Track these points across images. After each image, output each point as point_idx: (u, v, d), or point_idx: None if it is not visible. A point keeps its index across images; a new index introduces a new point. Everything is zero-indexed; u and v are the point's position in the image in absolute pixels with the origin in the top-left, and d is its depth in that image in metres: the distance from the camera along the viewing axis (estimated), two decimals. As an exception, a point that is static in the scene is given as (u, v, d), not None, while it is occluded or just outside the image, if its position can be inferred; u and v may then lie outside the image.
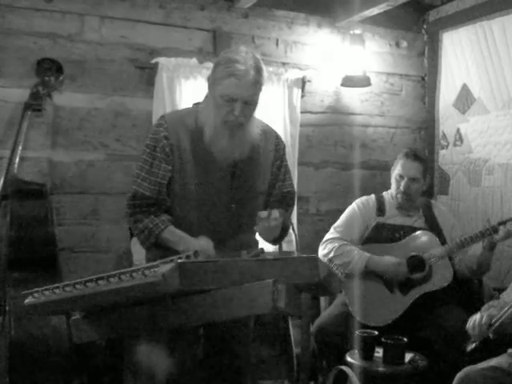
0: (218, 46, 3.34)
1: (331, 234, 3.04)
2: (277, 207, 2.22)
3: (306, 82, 3.57)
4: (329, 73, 3.70)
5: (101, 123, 3.15)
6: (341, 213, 3.14)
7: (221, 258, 1.86)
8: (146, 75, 3.21)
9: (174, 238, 2.06)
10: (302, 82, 3.55)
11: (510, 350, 2.15)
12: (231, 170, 2.13)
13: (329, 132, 3.75)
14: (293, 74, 3.52)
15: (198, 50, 3.34)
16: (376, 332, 2.56)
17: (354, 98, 3.80)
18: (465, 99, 3.66)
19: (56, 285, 1.63)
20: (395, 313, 2.78)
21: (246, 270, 1.47)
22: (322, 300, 3.21)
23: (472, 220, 3.58)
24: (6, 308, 2.40)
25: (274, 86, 3.44)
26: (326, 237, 3.05)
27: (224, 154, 2.09)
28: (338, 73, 3.67)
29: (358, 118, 3.83)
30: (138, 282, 1.46)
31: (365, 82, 3.64)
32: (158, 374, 2.09)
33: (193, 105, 2.26)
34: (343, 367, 2.16)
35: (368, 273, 2.86)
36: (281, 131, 3.35)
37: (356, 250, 2.90)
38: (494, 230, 2.70)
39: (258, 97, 2.07)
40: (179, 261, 1.45)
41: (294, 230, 3.37)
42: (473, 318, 2.27)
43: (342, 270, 2.91)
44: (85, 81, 3.10)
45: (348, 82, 3.63)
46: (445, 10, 3.79)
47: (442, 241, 2.90)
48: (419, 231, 2.93)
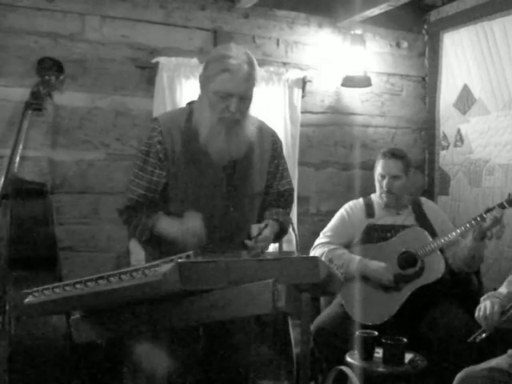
0: (218, 46, 3.34)
1: (320, 239, 3.08)
2: (275, 206, 2.23)
3: (306, 82, 3.57)
4: (329, 73, 3.70)
5: (101, 123, 3.16)
6: (341, 213, 3.14)
7: (221, 258, 1.86)
8: (147, 75, 3.21)
9: (167, 223, 2.05)
10: (303, 82, 3.55)
11: (510, 350, 2.14)
12: (227, 171, 2.11)
13: (329, 132, 3.75)
14: (293, 74, 3.52)
15: (199, 49, 3.34)
16: (376, 332, 2.56)
17: (354, 98, 3.80)
18: (465, 100, 3.66)
19: (56, 284, 1.63)
20: (391, 310, 2.80)
21: (246, 269, 1.47)
22: (322, 300, 3.21)
23: (472, 220, 3.57)
24: (6, 307, 2.41)
25: (274, 85, 3.44)
26: (316, 242, 3.08)
27: (220, 154, 2.06)
28: (339, 73, 3.67)
29: (359, 119, 3.83)
30: (139, 282, 1.46)
31: (365, 82, 3.64)
32: (158, 373, 2.09)
33: (186, 104, 2.23)
34: (343, 367, 2.15)
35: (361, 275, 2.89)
36: (281, 131, 3.36)
37: (347, 254, 2.93)
38: (482, 218, 2.72)
39: (252, 92, 2.05)
40: (179, 260, 1.45)
41: (294, 229, 3.37)
42: (481, 306, 2.16)
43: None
44: (85, 80, 3.11)
45: (348, 82, 3.63)
46: (445, 11, 3.79)
47: (433, 236, 2.92)
48: (409, 228, 2.96)
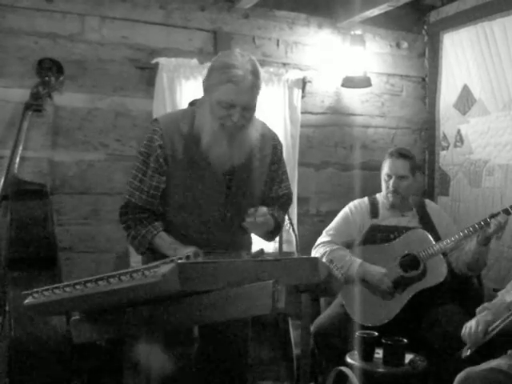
0: (218, 47, 3.34)
1: (323, 237, 3.06)
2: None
3: (306, 83, 3.57)
4: (329, 73, 3.70)
5: (101, 123, 3.15)
6: (341, 214, 3.14)
7: (220, 259, 1.86)
8: (147, 75, 3.21)
9: (165, 244, 2.03)
10: (303, 83, 3.55)
11: (510, 351, 2.14)
12: (227, 178, 2.09)
13: (329, 133, 3.75)
14: (293, 75, 3.52)
15: (199, 50, 3.34)
16: (376, 333, 2.56)
17: (354, 99, 3.80)
18: (465, 100, 3.66)
19: (56, 285, 1.63)
20: (392, 312, 2.79)
21: (245, 270, 1.47)
22: (322, 301, 3.21)
23: (472, 221, 3.55)
24: (6, 308, 2.41)
25: (274, 86, 3.44)
26: (318, 240, 3.06)
27: (221, 161, 2.04)
28: (339, 73, 3.67)
29: (359, 119, 3.83)
30: (138, 283, 1.46)
31: (365, 82, 3.64)
32: (157, 374, 2.09)
33: (188, 105, 2.20)
34: (343, 368, 2.15)
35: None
36: (281, 132, 3.36)
37: (348, 256, 2.91)
38: (486, 223, 2.72)
39: (256, 101, 2.02)
40: (179, 261, 1.45)
41: (294, 230, 3.38)
42: (468, 324, 2.25)
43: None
44: (85, 81, 3.10)
45: (348, 82, 3.63)
46: (445, 11, 3.79)
47: (437, 238, 2.91)
48: (412, 230, 2.94)
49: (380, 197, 3.12)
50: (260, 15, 3.50)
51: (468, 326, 2.24)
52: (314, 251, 3.02)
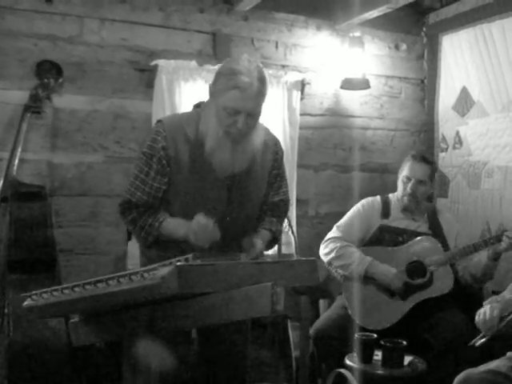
0: (217, 49, 3.35)
1: (333, 232, 3.02)
2: (269, 215, 2.23)
3: (305, 85, 3.57)
4: (328, 75, 3.70)
5: (100, 125, 3.15)
6: (340, 215, 3.13)
7: (219, 261, 1.86)
8: (146, 77, 3.21)
9: (174, 225, 2.03)
10: (302, 85, 3.55)
11: (509, 353, 2.14)
12: (229, 183, 2.09)
13: (328, 134, 3.75)
14: (292, 77, 3.52)
15: (198, 52, 3.35)
16: (375, 335, 2.56)
17: (353, 101, 3.80)
18: (464, 102, 3.66)
19: (55, 287, 1.63)
20: (393, 318, 2.77)
21: (244, 272, 1.47)
22: (321, 303, 3.20)
23: (471, 223, 3.57)
24: (5, 310, 2.40)
25: (273, 88, 3.44)
26: (328, 235, 3.02)
27: (223, 166, 2.04)
28: (338, 75, 3.67)
29: (358, 121, 3.83)
30: (137, 285, 1.46)
31: (364, 84, 3.64)
32: (157, 376, 2.09)
33: (193, 107, 2.20)
34: (342, 370, 2.16)
35: (369, 276, 2.86)
36: (280, 134, 3.36)
37: (358, 253, 2.88)
38: (498, 239, 2.70)
39: (261, 108, 2.03)
40: (178, 264, 1.45)
41: (293, 232, 3.38)
42: (482, 310, 2.19)
43: (341, 272, 2.90)
44: (84, 83, 3.10)
45: (347, 84, 3.63)
46: (444, 13, 3.79)
47: (445, 248, 2.88)
48: (422, 236, 2.91)
49: (393, 197, 3.08)
50: (259, 17, 3.51)
51: (482, 313, 2.18)
52: (324, 246, 2.99)
